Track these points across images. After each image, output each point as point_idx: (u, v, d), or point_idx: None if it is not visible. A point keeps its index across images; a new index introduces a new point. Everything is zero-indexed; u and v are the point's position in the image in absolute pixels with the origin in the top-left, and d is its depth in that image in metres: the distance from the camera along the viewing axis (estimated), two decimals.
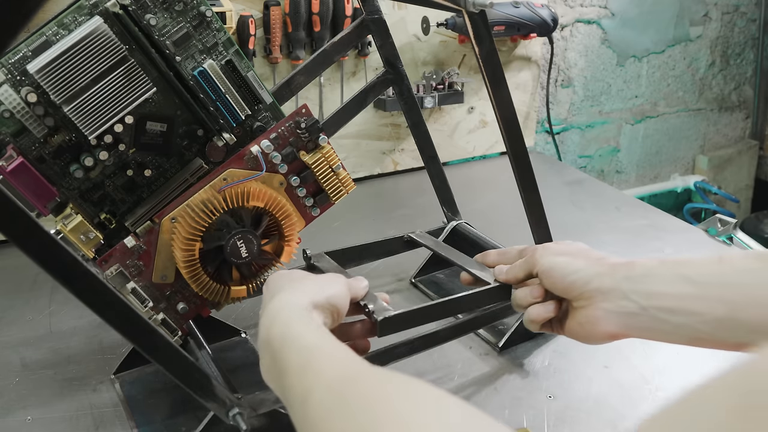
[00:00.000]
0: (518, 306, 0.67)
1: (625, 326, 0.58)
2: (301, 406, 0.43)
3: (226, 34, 0.67)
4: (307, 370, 0.46)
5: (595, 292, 0.59)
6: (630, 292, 0.57)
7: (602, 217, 1.15)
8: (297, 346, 0.49)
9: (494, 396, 0.72)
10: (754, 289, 0.52)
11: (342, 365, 0.45)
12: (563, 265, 0.62)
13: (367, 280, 0.66)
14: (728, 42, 1.83)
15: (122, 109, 0.63)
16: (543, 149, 1.61)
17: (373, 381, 0.42)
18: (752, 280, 0.52)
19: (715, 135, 1.92)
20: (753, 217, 1.88)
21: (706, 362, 0.75)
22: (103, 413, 0.70)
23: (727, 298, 0.53)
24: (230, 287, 0.67)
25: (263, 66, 1.16)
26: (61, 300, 0.90)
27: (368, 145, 1.30)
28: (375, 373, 0.43)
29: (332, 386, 0.42)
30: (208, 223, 0.64)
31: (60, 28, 0.62)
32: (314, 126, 0.68)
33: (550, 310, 0.64)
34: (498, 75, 0.69)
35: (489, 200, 1.22)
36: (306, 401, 0.43)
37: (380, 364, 0.67)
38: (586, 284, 0.60)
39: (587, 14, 1.57)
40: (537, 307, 0.64)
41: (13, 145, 0.62)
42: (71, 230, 0.63)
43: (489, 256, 0.75)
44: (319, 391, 0.42)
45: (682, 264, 0.57)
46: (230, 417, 0.59)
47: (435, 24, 1.24)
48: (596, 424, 0.67)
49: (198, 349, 0.70)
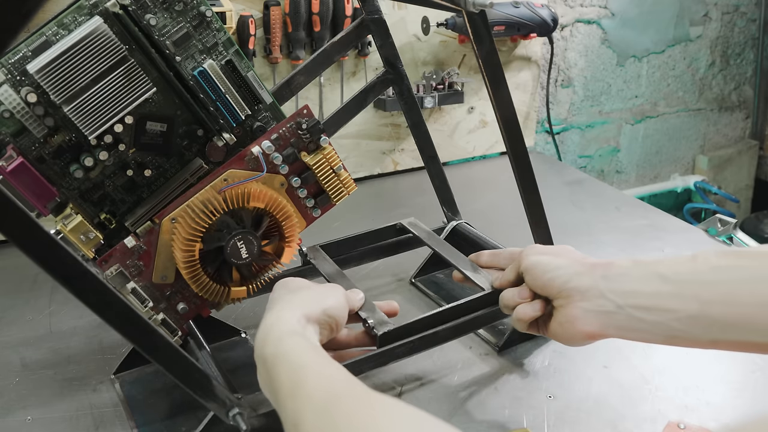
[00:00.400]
0: (505, 307, 0.68)
1: (602, 325, 0.59)
2: (294, 428, 0.45)
3: (226, 34, 0.67)
4: (297, 391, 0.47)
5: (574, 291, 0.60)
6: (607, 291, 0.58)
7: (602, 217, 1.15)
8: (288, 365, 0.51)
9: (494, 396, 0.72)
10: (727, 286, 0.53)
11: (329, 383, 0.47)
12: (545, 263, 0.63)
13: (363, 292, 0.68)
14: (728, 42, 1.83)
15: (122, 109, 0.63)
16: (543, 149, 1.61)
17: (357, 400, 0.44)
18: (725, 277, 0.53)
19: (715, 135, 1.92)
20: (753, 217, 1.88)
21: (706, 363, 0.75)
22: (103, 413, 0.70)
23: (701, 296, 0.53)
24: (230, 288, 0.67)
25: (263, 66, 1.16)
26: (61, 300, 0.90)
27: (368, 145, 1.30)
28: (358, 392, 0.46)
29: (321, 407, 0.45)
30: (209, 223, 0.64)
31: (60, 28, 0.62)
32: (315, 127, 0.68)
33: (537, 309, 0.65)
34: (498, 75, 0.69)
35: (489, 200, 1.22)
36: (297, 426, 0.45)
37: (380, 364, 0.67)
38: (565, 283, 0.61)
39: (587, 14, 1.57)
40: (523, 306, 0.65)
41: (13, 145, 0.62)
42: (71, 230, 0.63)
43: (482, 256, 0.77)
44: (309, 413, 0.45)
45: (657, 263, 0.57)
46: (230, 417, 0.59)
47: (435, 24, 1.24)
48: (596, 424, 0.68)
49: (198, 349, 0.70)
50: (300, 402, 0.46)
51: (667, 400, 0.70)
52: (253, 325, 0.82)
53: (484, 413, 0.69)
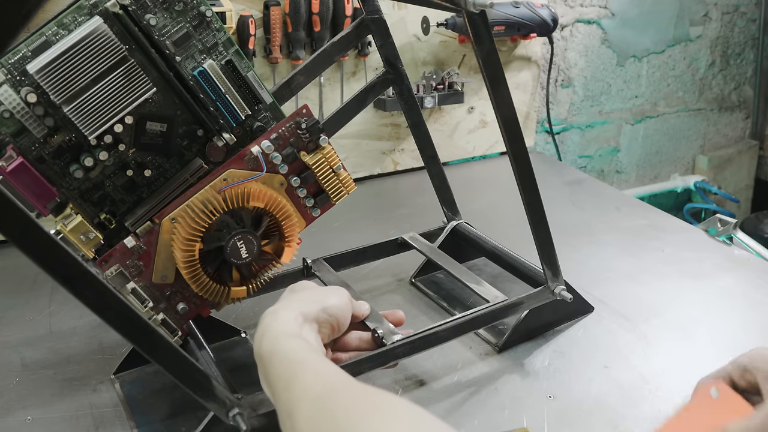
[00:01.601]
0: None
1: None
2: (288, 417, 0.46)
3: (226, 34, 0.67)
4: (292, 384, 0.48)
5: None
6: None
7: (602, 217, 1.15)
8: (284, 360, 0.51)
9: (494, 396, 0.72)
10: None
11: (326, 377, 0.48)
12: None
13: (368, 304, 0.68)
14: (728, 42, 1.83)
15: (122, 110, 0.63)
16: (543, 149, 1.61)
17: (354, 393, 0.45)
18: None
19: (715, 135, 1.92)
20: (753, 217, 1.88)
21: (706, 363, 0.75)
22: (103, 413, 0.70)
23: None
24: (230, 288, 0.67)
25: (263, 66, 1.16)
26: (61, 300, 0.90)
27: (368, 145, 1.30)
28: (356, 387, 0.46)
29: (317, 399, 0.45)
30: (208, 223, 0.64)
31: (60, 28, 0.62)
32: (315, 126, 0.68)
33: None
34: (498, 75, 0.69)
35: (489, 200, 1.22)
36: (292, 414, 0.45)
37: (380, 364, 0.67)
38: None
39: (587, 14, 1.57)
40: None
41: (13, 145, 0.62)
42: (71, 230, 0.63)
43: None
44: (305, 403, 0.45)
45: None
46: (230, 417, 0.59)
47: (435, 24, 1.24)
48: (596, 424, 0.67)
49: (198, 349, 0.70)
50: (295, 393, 0.46)
51: (667, 401, 0.70)
52: (253, 325, 0.82)
53: (484, 413, 0.69)
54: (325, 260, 0.85)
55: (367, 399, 0.44)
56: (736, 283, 0.93)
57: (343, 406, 0.43)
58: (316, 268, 0.83)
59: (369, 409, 0.42)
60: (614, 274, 0.96)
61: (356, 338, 0.67)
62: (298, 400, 0.46)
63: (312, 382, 0.47)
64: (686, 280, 0.94)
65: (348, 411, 0.42)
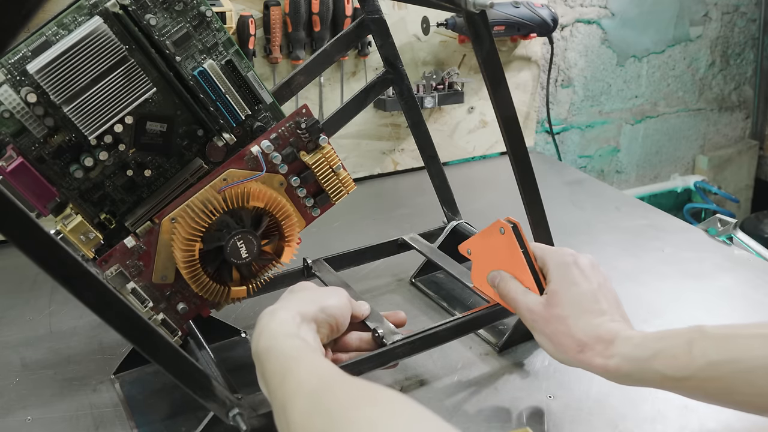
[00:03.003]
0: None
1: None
2: (283, 412, 0.45)
3: (226, 34, 0.67)
4: (287, 378, 0.48)
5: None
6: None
7: (602, 217, 1.15)
8: (279, 357, 0.52)
9: (494, 396, 0.72)
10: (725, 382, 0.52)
11: (321, 372, 0.48)
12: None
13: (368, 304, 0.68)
14: (728, 42, 1.83)
15: (122, 110, 0.63)
16: (543, 149, 1.61)
17: (350, 388, 0.45)
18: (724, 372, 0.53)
19: (715, 135, 1.92)
20: (753, 217, 1.88)
21: None
22: (103, 413, 0.70)
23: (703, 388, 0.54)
24: (230, 287, 0.67)
25: (263, 66, 1.16)
26: (61, 300, 0.90)
27: (368, 145, 1.30)
28: (351, 381, 0.46)
29: (311, 393, 0.45)
30: (208, 223, 0.64)
31: (60, 28, 0.62)
32: (314, 126, 0.68)
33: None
34: (498, 75, 0.69)
35: (489, 200, 1.22)
36: (286, 407, 0.45)
37: (381, 364, 0.67)
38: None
39: (587, 14, 1.57)
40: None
41: (13, 145, 0.62)
42: (71, 230, 0.63)
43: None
44: (299, 397, 0.45)
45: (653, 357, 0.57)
46: (230, 417, 0.59)
47: (435, 24, 1.24)
48: (596, 424, 0.67)
49: (198, 349, 0.70)
50: (290, 387, 0.46)
51: (667, 401, 0.70)
52: (252, 325, 0.81)
53: (484, 413, 0.69)
54: (325, 260, 0.85)
55: (363, 393, 0.43)
56: (736, 283, 0.93)
57: (338, 400, 0.42)
58: (316, 268, 0.83)
59: (365, 403, 0.42)
60: (614, 274, 0.95)
61: (356, 338, 0.67)
62: (293, 395, 0.45)
63: (307, 377, 0.47)
64: (686, 280, 0.94)
65: (343, 404, 0.42)
